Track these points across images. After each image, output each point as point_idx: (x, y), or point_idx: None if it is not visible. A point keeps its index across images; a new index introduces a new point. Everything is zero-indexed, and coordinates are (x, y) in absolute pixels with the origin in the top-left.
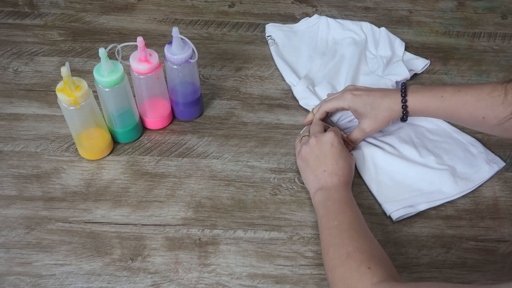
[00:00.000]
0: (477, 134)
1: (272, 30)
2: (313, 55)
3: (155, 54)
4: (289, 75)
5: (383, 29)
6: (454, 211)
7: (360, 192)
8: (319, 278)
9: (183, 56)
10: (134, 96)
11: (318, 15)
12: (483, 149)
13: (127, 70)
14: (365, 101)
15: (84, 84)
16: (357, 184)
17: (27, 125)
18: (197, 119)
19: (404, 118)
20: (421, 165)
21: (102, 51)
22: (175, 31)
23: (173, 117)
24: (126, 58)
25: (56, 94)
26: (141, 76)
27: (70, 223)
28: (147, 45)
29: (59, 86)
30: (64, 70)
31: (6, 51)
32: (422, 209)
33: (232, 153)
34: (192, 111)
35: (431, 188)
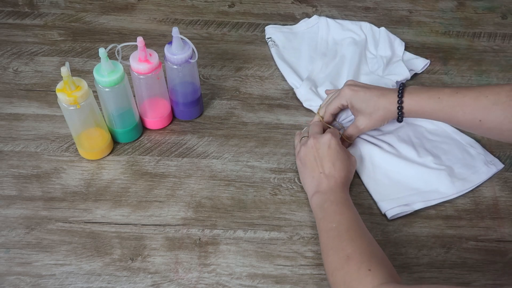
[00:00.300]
0: (477, 135)
1: (272, 31)
2: (313, 56)
3: (155, 54)
4: (290, 77)
5: (383, 29)
6: (454, 211)
7: (360, 192)
8: (319, 278)
9: (183, 56)
10: (134, 96)
11: (317, 16)
12: (482, 150)
13: (127, 70)
14: (362, 98)
15: (84, 84)
16: (357, 184)
17: (27, 125)
18: (197, 119)
19: (400, 119)
20: (418, 164)
21: (102, 51)
22: (175, 31)
23: (173, 117)
24: (126, 58)
25: (56, 94)
26: (141, 76)
27: (70, 223)
28: (147, 45)
29: (59, 86)
30: (64, 70)
31: (6, 51)
32: (418, 208)
33: (232, 153)
34: (192, 111)
35: (428, 188)
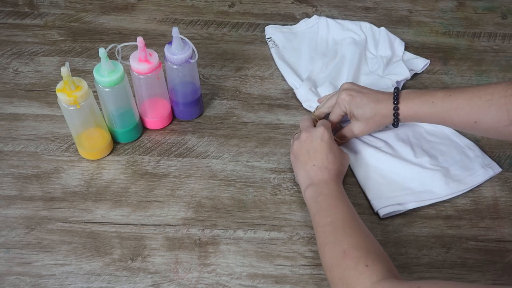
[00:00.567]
0: (477, 136)
1: (272, 31)
2: (313, 56)
3: (155, 54)
4: (290, 77)
5: (383, 29)
6: (454, 211)
7: (360, 192)
8: (319, 278)
9: (183, 56)
10: (134, 96)
11: (317, 16)
12: (480, 153)
13: (127, 70)
14: (358, 104)
15: (84, 84)
16: (357, 185)
17: (27, 125)
18: (197, 119)
19: (395, 125)
20: (414, 164)
21: (102, 51)
22: (175, 31)
23: (173, 117)
24: (126, 58)
25: (56, 94)
26: (141, 76)
27: (70, 223)
28: (147, 45)
29: (59, 86)
30: (64, 70)
31: (6, 51)
32: (411, 207)
33: (232, 153)
34: (192, 111)
35: (422, 188)
